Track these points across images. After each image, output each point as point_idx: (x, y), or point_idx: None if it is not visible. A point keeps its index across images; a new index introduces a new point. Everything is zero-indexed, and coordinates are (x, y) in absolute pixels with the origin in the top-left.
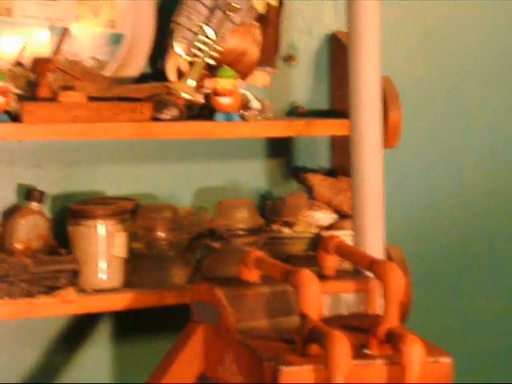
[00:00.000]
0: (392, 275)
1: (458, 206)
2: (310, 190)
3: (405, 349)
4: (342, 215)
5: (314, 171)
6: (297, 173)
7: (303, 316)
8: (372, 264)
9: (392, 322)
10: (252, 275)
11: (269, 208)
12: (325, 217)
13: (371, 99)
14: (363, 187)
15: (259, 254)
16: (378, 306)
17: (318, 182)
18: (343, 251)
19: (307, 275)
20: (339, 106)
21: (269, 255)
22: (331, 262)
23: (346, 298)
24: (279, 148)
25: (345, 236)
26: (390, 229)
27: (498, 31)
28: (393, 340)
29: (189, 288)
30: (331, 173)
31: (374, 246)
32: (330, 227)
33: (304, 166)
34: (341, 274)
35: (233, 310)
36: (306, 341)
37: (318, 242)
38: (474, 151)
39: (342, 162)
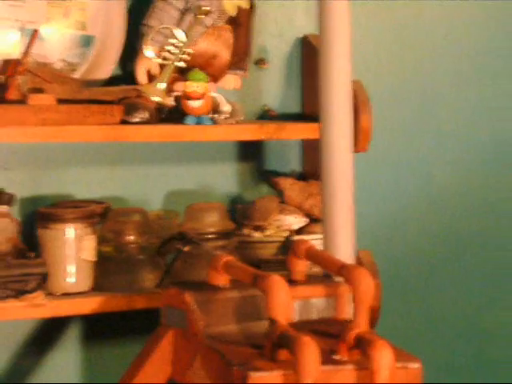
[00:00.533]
0: (361, 280)
1: (428, 210)
2: (280, 194)
3: (374, 354)
4: (313, 219)
5: (285, 175)
6: (267, 176)
7: (272, 321)
8: (341, 269)
9: (361, 326)
10: (221, 279)
11: (239, 212)
12: (296, 221)
13: (342, 103)
14: (333, 191)
15: (228, 258)
16: (347, 311)
17: (288, 185)
18: (313, 256)
19: (276, 280)
20: (311, 110)
21: (239, 259)
22: (301, 267)
23: (316, 302)
24: (250, 151)
25: (315, 240)
26: (360, 233)
27: (470, 35)
28: (362, 345)
29: (158, 292)
30: (302, 176)
31: (344, 250)
32: (301, 231)
33: (275, 170)
34: (311, 279)
35: (201, 314)
36: (275, 346)
37: (288, 246)
38: (444, 155)
39: (313, 166)
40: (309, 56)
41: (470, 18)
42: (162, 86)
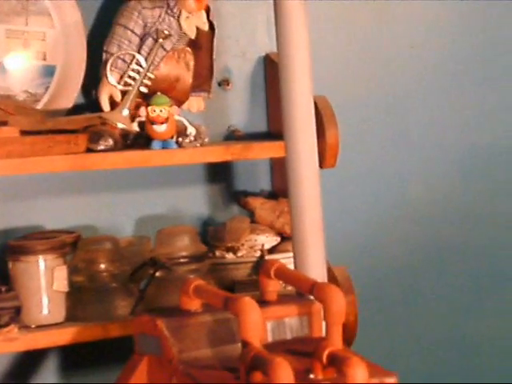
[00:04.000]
0: (332, 297)
1: (402, 223)
2: (251, 214)
3: (348, 371)
4: (285, 237)
5: (255, 194)
6: (238, 197)
7: (245, 344)
8: (312, 287)
9: (335, 344)
10: (193, 304)
11: (211, 234)
12: (268, 240)
13: (305, 119)
14: (301, 208)
15: (199, 282)
16: (321, 329)
17: (258, 205)
18: (284, 275)
19: (247, 302)
20: (277, 128)
21: (213, 282)
22: (273, 287)
23: (289, 322)
24: (219, 173)
25: (288, 258)
26: (335, 248)
27: (435, 43)
28: (336, 363)
29: (132, 319)
30: (273, 195)
31: (315, 267)
32: (274, 250)
33: (245, 190)
34: (283, 298)
35: (175, 340)
36: (250, 369)
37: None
38: (416, 166)
39: (282, 184)
40: (272, 74)
41: (433, 25)
42: (126, 112)
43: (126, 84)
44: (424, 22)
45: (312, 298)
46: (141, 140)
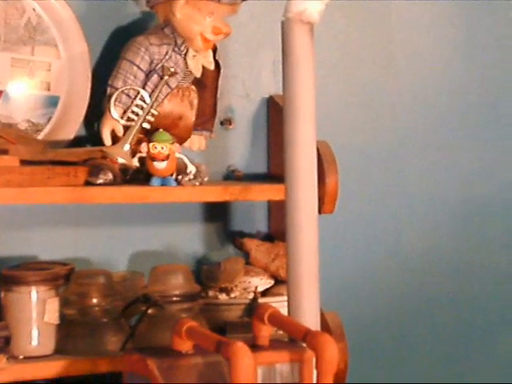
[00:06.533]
0: (325, 347)
1: (397, 271)
2: (246, 255)
3: None
4: (279, 280)
5: (251, 236)
6: (234, 237)
7: None
8: (306, 335)
9: None
10: (185, 345)
11: (205, 273)
12: (261, 282)
13: (307, 164)
14: (298, 253)
15: (191, 324)
16: (312, 377)
17: (254, 247)
18: (277, 321)
19: (239, 347)
20: (277, 170)
21: (204, 322)
22: (265, 332)
23: (280, 368)
24: (216, 212)
25: (281, 302)
26: (328, 294)
27: (438, 93)
28: None
29: (122, 356)
30: (269, 237)
31: (309, 313)
32: (267, 293)
33: (241, 231)
34: (276, 344)
35: (165, 381)
36: None
37: (254, 309)
38: (410, 216)
39: (279, 227)
40: (275, 116)
41: (437, 78)
42: (127, 147)
43: (128, 119)
44: (428, 73)
45: (304, 345)
46: (140, 176)
